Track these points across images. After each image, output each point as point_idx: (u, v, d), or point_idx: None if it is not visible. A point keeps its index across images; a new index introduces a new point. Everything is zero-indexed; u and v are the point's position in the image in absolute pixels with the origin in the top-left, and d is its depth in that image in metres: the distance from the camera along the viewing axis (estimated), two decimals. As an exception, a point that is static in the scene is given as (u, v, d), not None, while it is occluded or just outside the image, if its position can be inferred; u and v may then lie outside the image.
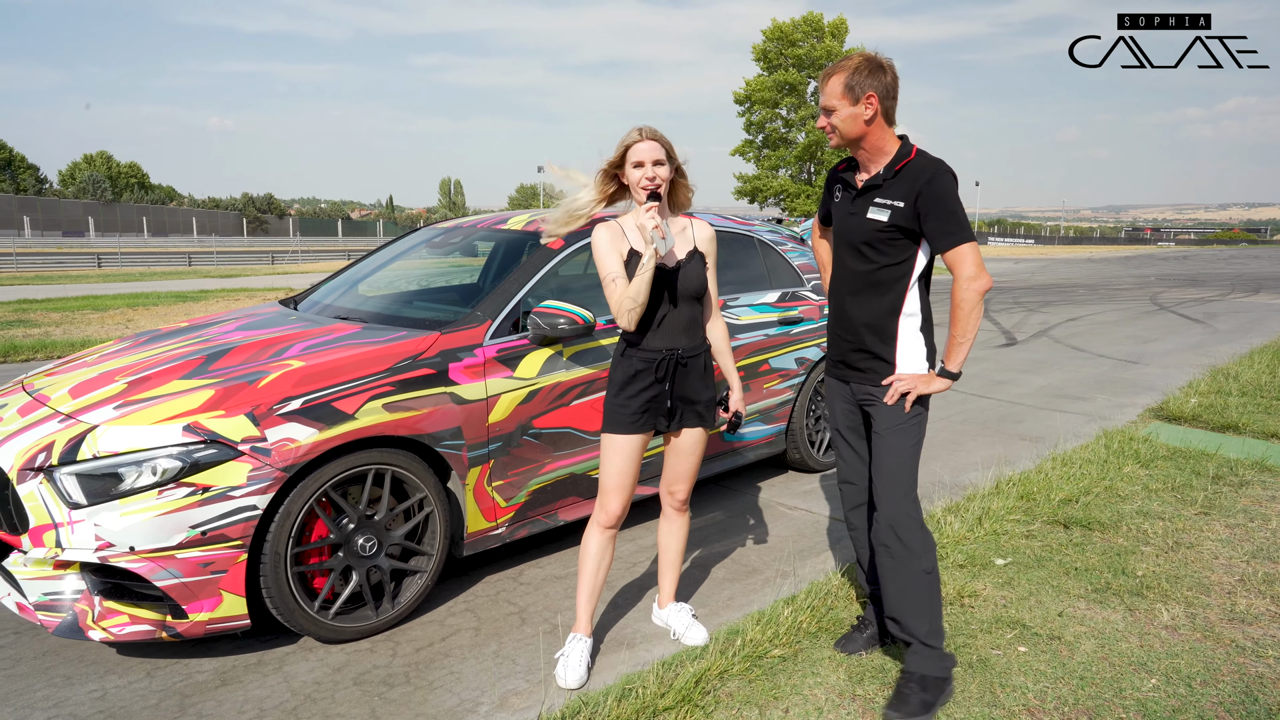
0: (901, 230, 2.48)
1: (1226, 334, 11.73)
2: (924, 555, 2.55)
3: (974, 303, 2.43)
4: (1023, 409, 6.82)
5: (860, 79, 2.43)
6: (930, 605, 2.56)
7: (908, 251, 2.52)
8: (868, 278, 2.58)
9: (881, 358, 2.59)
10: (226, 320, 3.86)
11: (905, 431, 2.57)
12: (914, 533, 2.56)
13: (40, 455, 2.68)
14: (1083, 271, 30.37)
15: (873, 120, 2.45)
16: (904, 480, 2.58)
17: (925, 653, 2.56)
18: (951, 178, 2.43)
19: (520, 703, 2.63)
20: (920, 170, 2.44)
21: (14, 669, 2.81)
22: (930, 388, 2.53)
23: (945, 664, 2.57)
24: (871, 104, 2.43)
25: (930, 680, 2.53)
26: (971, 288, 2.42)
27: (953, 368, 2.51)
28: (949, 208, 2.41)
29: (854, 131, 2.48)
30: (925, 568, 2.55)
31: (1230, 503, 4.36)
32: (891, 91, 2.45)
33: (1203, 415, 6.17)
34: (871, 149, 2.51)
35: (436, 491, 3.12)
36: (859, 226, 2.56)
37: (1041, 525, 4.02)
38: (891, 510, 2.58)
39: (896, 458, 2.57)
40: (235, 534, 2.65)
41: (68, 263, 29.18)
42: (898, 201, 2.46)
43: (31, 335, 9.99)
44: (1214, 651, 2.89)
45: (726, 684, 2.67)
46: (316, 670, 2.82)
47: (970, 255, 2.42)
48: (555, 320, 3.32)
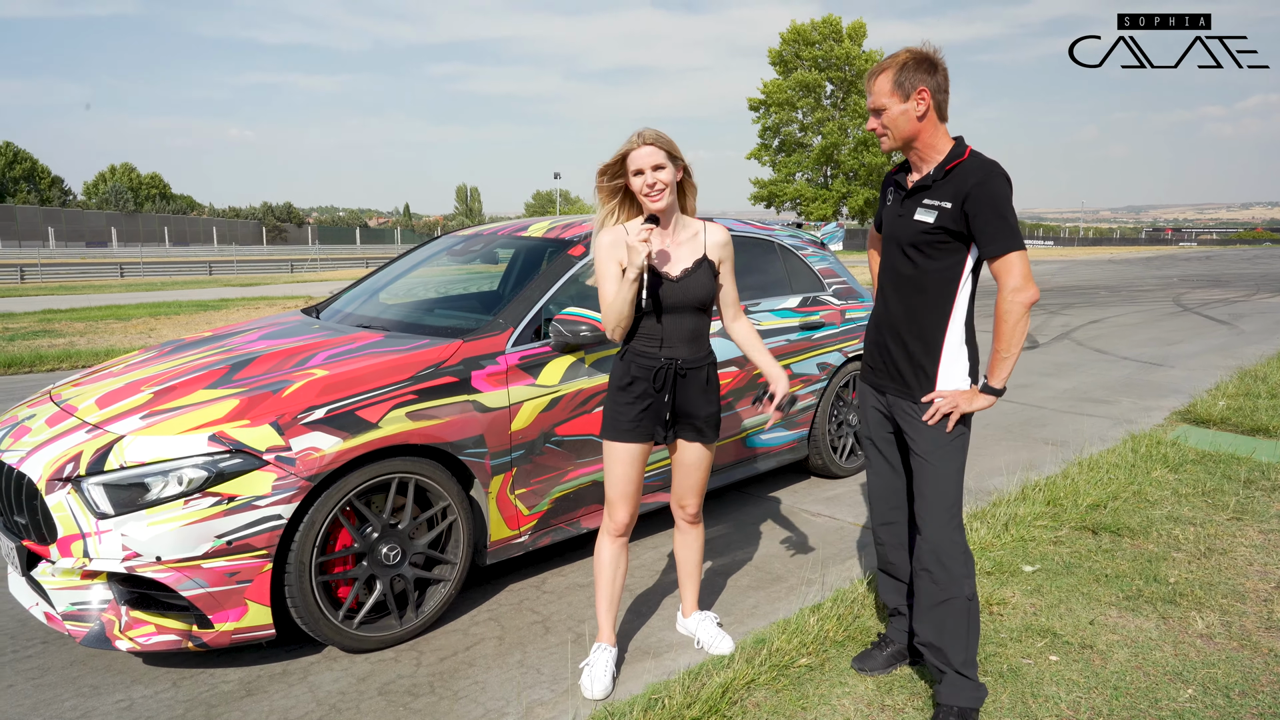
0: (949, 233, 2.36)
1: (1253, 335, 11.57)
2: (965, 580, 2.47)
3: (1019, 315, 2.32)
4: (1047, 413, 6.74)
5: (909, 74, 2.33)
6: (969, 634, 2.47)
7: (956, 255, 2.40)
8: (914, 282, 2.47)
9: (923, 368, 2.48)
10: (249, 329, 3.88)
11: (948, 454, 2.45)
12: (957, 558, 2.47)
13: (68, 465, 2.69)
14: (1104, 273, 30.06)
15: (925, 116, 2.36)
16: (949, 505, 2.46)
17: (960, 683, 2.47)
18: (1004, 181, 2.31)
19: (546, 713, 2.61)
20: (971, 171, 2.33)
21: (42, 678, 2.83)
22: (973, 405, 2.41)
23: (979, 695, 2.49)
24: (924, 99, 2.33)
25: (970, 713, 2.45)
26: (1016, 299, 2.31)
27: (996, 384, 2.39)
28: (999, 211, 2.29)
29: (907, 130, 2.38)
30: (967, 594, 2.47)
31: (1263, 508, 4.28)
32: (943, 85, 2.36)
33: (1231, 418, 6.07)
34: (924, 148, 2.41)
35: (459, 500, 3.11)
36: (906, 228, 2.45)
37: (1069, 531, 3.96)
38: (936, 536, 2.48)
39: (942, 481, 2.46)
40: (260, 543, 2.66)
41: (91, 273, 29.57)
42: (945, 202, 2.35)
43: (56, 345, 10.10)
44: (1252, 661, 2.83)
45: (753, 694, 2.64)
46: (341, 680, 2.82)
47: (1018, 265, 2.30)
48: (577, 327, 3.31)
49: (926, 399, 2.47)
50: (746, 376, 4.21)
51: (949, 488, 2.47)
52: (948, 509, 2.47)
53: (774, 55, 53.78)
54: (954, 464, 2.46)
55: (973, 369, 2.48)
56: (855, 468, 5.03)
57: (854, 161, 52.86)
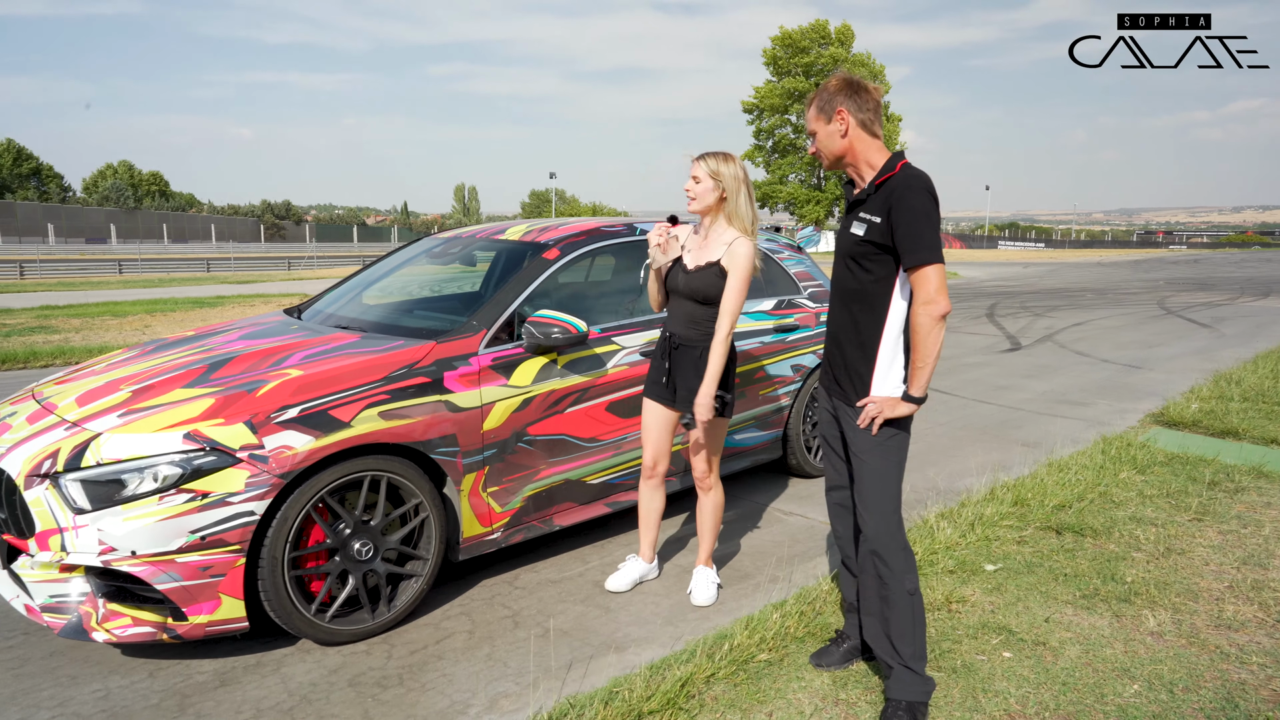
0: (877, 245, 2.46)
1: (1233, 339, 11.68)
2: (906, 576, 2.55)
3: (929, 327, 2.39)
4: (1023, 414, 6.84)
5: (829, 97, 2.50)
6: (914, 628, 2.55)
7: (888, 268, 2.49)
8: (854, 292, 2.57)
9: (859, 374, 2.57)
10: (230, 330, 3.95)
11: (882, 454, 2.54)
12: (896, 554, 2.55)
13: (46, 462, 2.77)
14: (1091, 275, 30.21)
15: (847, 135, 2.49)
16: (886, 502, 2.55)
17: (908, 678, 2.55)
18: (925, 195, 2.39)
19: (509, 705, 2.69)
20: (896, 185, 2.43)
21: (21, 668, 2.90)
22: (895, 412, 2.49)
23: (927, 688, 2.56)
24: (843, 119, 2.48)
25: (919, 707, 2.53)
26: (927, 311, 2.38)
27: (915, 392, 2.48)
28: (915, 226, 2.37)
29: (833, 149, 2.53)
30: (909, 588, 2.55)
31: (1224, 509, 4.37)
32: (865, 105, 2.47)
33: (1203, 421, 6.17)
34: (858, 164, 2.53)
35: (432, 497, 3.19)
36: (845, 240, 2.58)
37: (1034, 531, 4.05)
38: (874, 532, 2.57)
39: (878, 480, 2.55)
40: (234, 539, 2.73)
41: (90, 269, 29.59)
42: (875, 216, 2.45)
43: (52, 341, 10.15)
44: (1198, 658, 2.92)
45: (712, 688, 2.72)
46: (313, 672, 2.90)
47: (932, 277, 2.37)
48: (549, 329, 3.39)
49: (860, 403, 2.57)
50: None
51: (886, 486, 2.55)
52: (885, 506, 2.56)
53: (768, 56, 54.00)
54: (889, 462, 2.55)
55: (907, 376, 2.56)
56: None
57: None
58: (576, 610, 3.36)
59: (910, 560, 2.58)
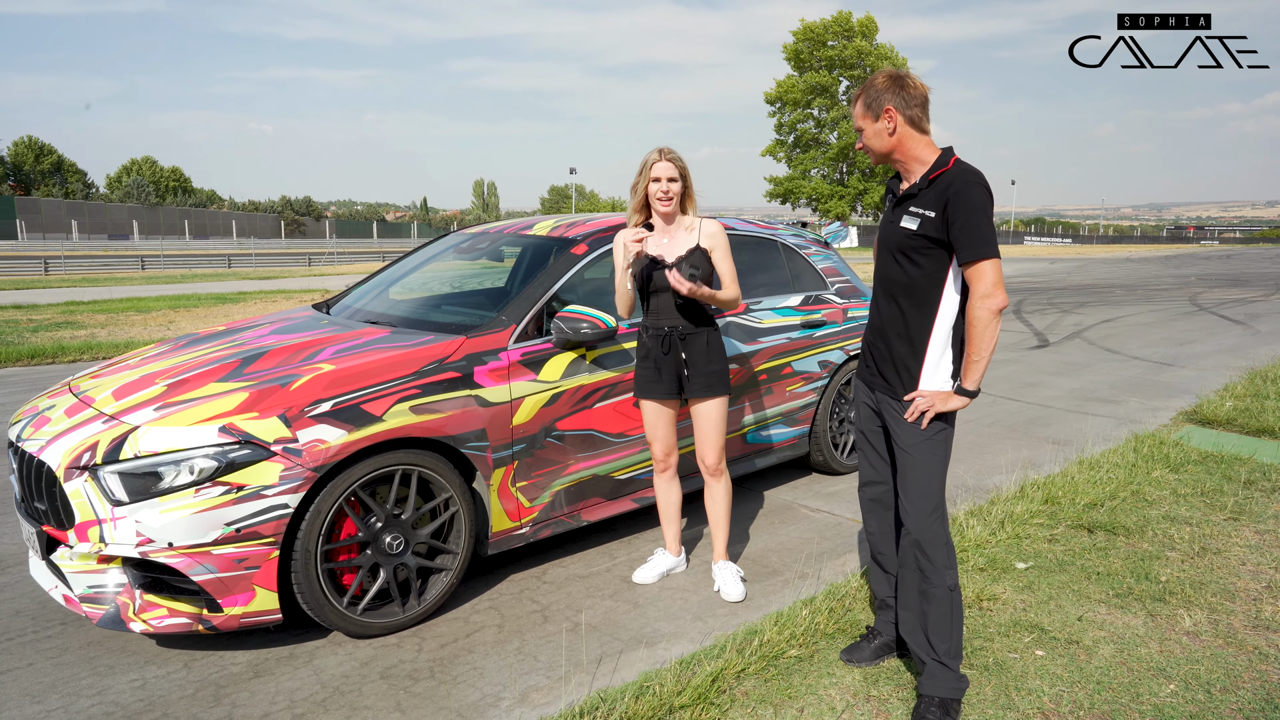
0: (931, 240, 2.47)
1: (1268, 335, 11.49)
2: (947, 571, 2.55)
3: (986, 321, 2.41)
4: (1052, 412, 6.76)
5: (876, 95, 2.50)
6: (952, 625, 2.55)
7: (939, 262, 2.50)
8: (903, 286, 2.57)
9: (907, 368, 2.57)
10: (261, 324, 3.99)
11: (929, 448, 2.54)
12: (939, 549, 2.55)
13: (85, 454, 2.80)
14: (1120, 271, 29.82)
15: (895, 132, 2.50)
16: (930, 497, 2.55)
17: (942, 674, 2.54)
18: (981, 190, 2.40)
19: (540, 698, 2.70)
20: (952, 180, 2.43)
21: (61, 658, 2.95)
22: (947, 405, 2.50)
23: (961, 686, 2.55)
24: (891, 116, 2.48)
25: (952, 704, 2.52)
26: (984, 305, 2.40)
27: (969, 385, 2.49)
28: (972, 220, 2.38)
29: (881, 146, 2.54)
30: (949, 584, 2.54)
31: (1261, 508, 4.30)
32: (912, 101, 2.48)
33: (1238, 419, 6.07)
34: (906, 160, 2.54)
35: (462, 492, 3.20)
36: (894, 234, 2.58)
37: (1065, 529, 4.01)
38: (918, 527, 2.56)
39: (924, 474, 2.55)
40: (268, 531, 2.76)
41: (113, 265, 29.99)
42: (929, 211, 2.45)
43: (78, 336, 10.31)
44: (1235, 658, 2.88)
45: (743, 683, 2.71)
46: (345, 664, 2.92)
47: (988, 272, 2.39)
48: (578, 325, 3.40)
49: (908, 397, 2.56)
50: (746, 374, 4.28)
51: (931, 481, 2.55)
52: (930, 501, 2.55)
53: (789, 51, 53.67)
54: (935, 458, 2.55)
55: (956, 371, 2.56)
56: (855, 465, 5.09)
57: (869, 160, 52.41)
58: (605, 605, 3.37)
59: (952, 555, 2.57)
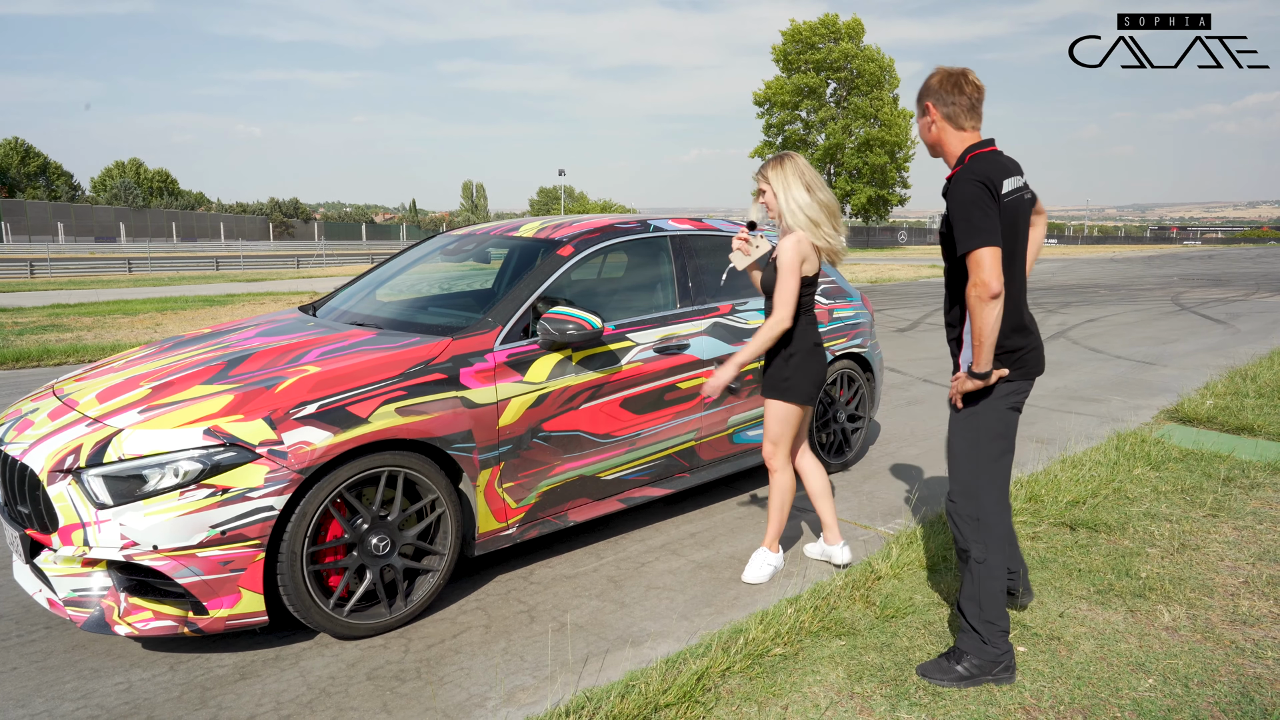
0: (949, 235, 2.65)
1: (1248, 334, 11.62)
2: (973, 544, 2.75)
3: (978, 308, 2.54)
4: (1036, 411, 6.82)
5: (921, 93, 2.71)
6: (979, 594, 2.73)
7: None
8: (947, 277, 2.79)
9: (953, 354, 2.80)
10: (247, 327, 3.99)
11: (959, 430, 2.78)
12: (966, 524, 2.76)
13: (69, 457, 2.80)
14: (1104, 272, 30.05)
15: (935, 127, 2.68)
16: (960, 475, 2.78)
17: (969, 634, 2.73)
18: (972, 183, 2.53)
19: (527, 698, 2.72)
20: (955, 177, 2.60)
21: (45, 661, 2.94)
22: (964, 388, 2.69)
23: (987, 652, 2.71)
24: (930, 113, 2.68)
25: (971, 661, 2.71)
26: (975, 293, 2.54)
27: (976, 369, 2.64)
28: (962, 214, 2.54)
29: (927, 140, 2.76)
30: (977, 557, 2.74)
31: (1240, 505, 4.36)
32: (948, 99, 2.64)
33: (1218, 417, 6.15)
34: (946, 155, 2.73)
35: (448, 493, 3.21)
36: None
37: (1048, 527, 4.05)
38: (949, 502, 2.83)
39: (955, 453, 2.81)
40: (253, 533, 2.76)
41: (100, 267, 29.77)
42: (946, 208, 2.64)
43: (64, 340, 10.24)
44: (1213, 652, 2.92)
45: (728, 681, 2.74)
46: (331, 665, 2.93)
47: (982, 261, 2.51)
48: (564, 326, 3.41)
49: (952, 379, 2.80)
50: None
51: (960, 459, 2.79)
52: (958, 482, 2.79)
53: (778, 52, 53.85)
54: (963, 440, 2.76)
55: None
56: (842, 463, 5.13)
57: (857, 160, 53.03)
58: (592, 605, 3.38)
59: (978, 532, 2.74)
